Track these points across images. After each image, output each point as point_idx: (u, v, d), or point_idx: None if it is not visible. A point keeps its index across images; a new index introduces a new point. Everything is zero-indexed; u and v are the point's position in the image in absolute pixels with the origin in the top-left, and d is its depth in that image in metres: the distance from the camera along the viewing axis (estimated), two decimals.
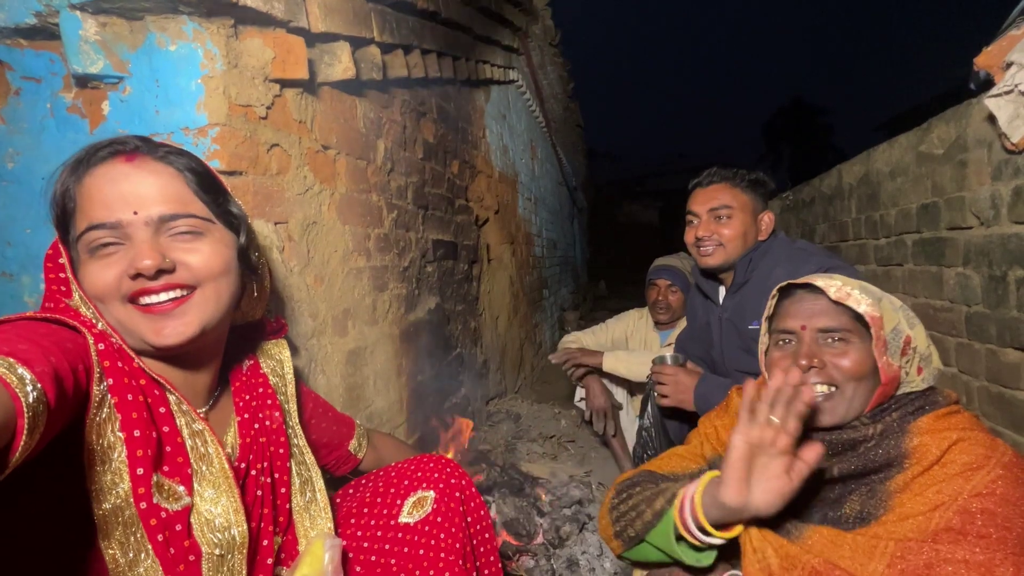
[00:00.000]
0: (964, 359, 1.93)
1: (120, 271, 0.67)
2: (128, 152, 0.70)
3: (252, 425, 0.82)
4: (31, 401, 0.47)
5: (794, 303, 0.89)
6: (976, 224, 1.81)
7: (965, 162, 1.85)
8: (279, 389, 0.91)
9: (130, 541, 0.63)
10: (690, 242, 1.59)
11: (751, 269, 1.50)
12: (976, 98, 1.72)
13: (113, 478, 0.62)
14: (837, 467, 0.82)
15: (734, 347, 1.55)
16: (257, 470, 0.79)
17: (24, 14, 1.01)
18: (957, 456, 0.74)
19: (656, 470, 0.97)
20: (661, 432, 1.68)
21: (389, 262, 1.76)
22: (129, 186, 0.68)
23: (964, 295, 1.90)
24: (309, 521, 0.86)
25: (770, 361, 0.91)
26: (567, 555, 1.59)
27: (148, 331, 0.68)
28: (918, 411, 0.83)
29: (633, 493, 0.89)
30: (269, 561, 0.78)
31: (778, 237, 1.55)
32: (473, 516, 0.96)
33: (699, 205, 1.55)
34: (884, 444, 0.80)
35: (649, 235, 15.26)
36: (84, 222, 0.67)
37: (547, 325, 4.87)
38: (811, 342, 0.86)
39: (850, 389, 0.83)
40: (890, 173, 2.44)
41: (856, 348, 0.84)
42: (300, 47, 1.23)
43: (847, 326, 0.84)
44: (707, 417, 1.04)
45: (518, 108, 4.10)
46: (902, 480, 0.77)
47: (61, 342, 0.58)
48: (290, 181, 1.26)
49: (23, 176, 1.11)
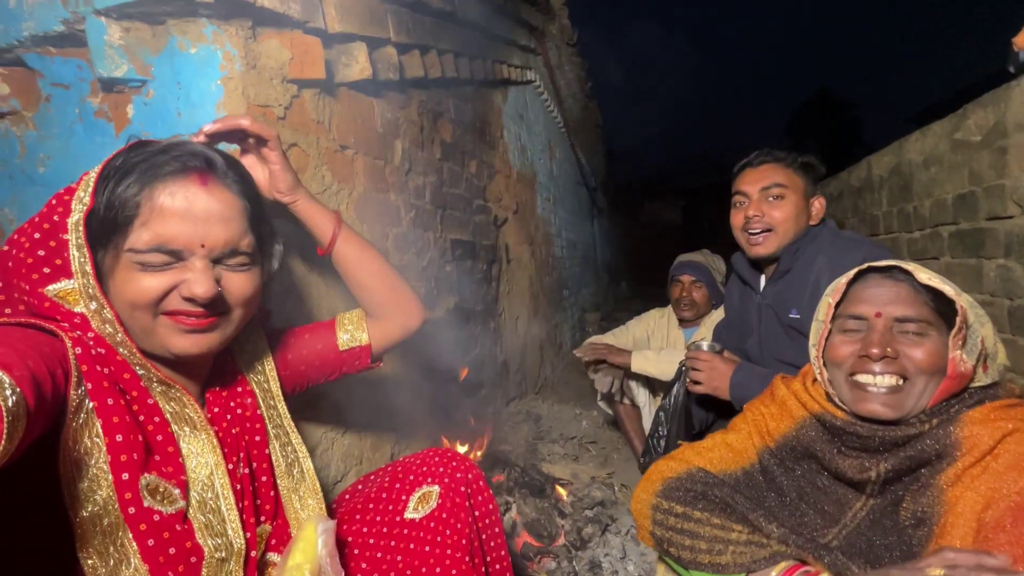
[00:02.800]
0: (1008, 356, 1.84)
1: (167, 287, 0.68)
2: (201, 172, 0.70)
3: (224, 416, 0.80)
4: (10, 406, 0.47)
5: (869, 287, 0.83)
6: (1018, 213, 1.72)
7: (1005, 148, 1.76)
8: (254, 369, 0.88)
9: (109, 549, 0.62)
10: (738, 225, 1.49)
11: (796, 257, 1.42)
12: (1016, 80, 1.64)
13: (91, 485, 0.61)
14: (886, 464, 0.78)
15: (775, 336, 1.48)
16: (234, 462, 0.78)
17: (52, 22, 1.05)
18: (1013, 447, 0.69)
19: (707, 466, 0.90)
20: (680, 417, 1.64)
21: (407, 261, 1.77)
22: (201, 214, 0.69)
23: (1006, 288, 1.81)
24: (299, 502, 0.84)
25: (831, 346, 0.86)
26: (589, 557, 1.56)
27: (172, 341, 0.70)
28: (976, 403, 0.78)
29: (692, 515, 0.81)
30: (254, 554, 0.75)
31: (826, 225, 1.47)
32: (481, 510, 0.94)
33: (750, 185, 1.45)
34: (934, 434, 0.76)
35: (672, 234, 15.04)
36: (147, 237, 0.66)
37: (568, 326, 4.83)
38: (884, 330, 0.80)
39: (921, 383, 0.78)
40: (923, 163, 2.35)
41: (932, 340, 0.78)
42: (317, 48, 1.24)
43: (926, 317, 0.79)
44: (753, 404, 0.99)
45: (536, 108, 4.08)
46: (953, 473, 0.72)
47: (38, 346, 0.58)
48: (308, 181, 1.27)
49: (54, 180, 1.14)
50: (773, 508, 0.86)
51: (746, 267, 1.59)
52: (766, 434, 0.92)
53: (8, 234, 1.20)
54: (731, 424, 1.00)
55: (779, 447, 0.89)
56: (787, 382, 0.96)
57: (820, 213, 1.45)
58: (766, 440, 0.92)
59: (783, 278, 1.46)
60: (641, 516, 0.87)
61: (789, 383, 0.95)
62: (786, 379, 0.98)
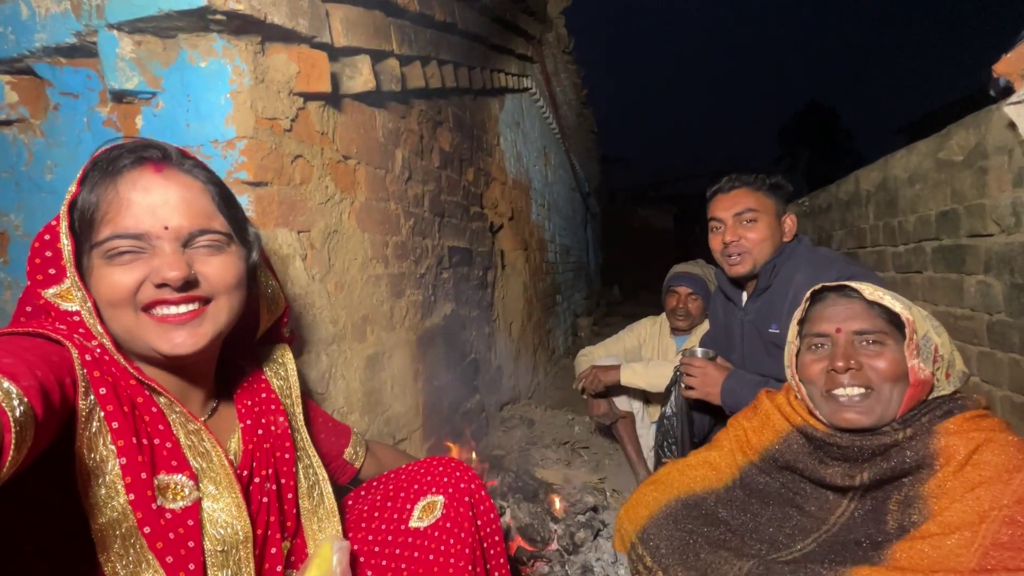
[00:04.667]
0: (986, 368, 1.90)
1: (139, 278, 0.67)
2: (156, 161, 0.70)
3: (255, 431, 0.82)
4: (18, 415, 0.47)
5: (827, 307, 0.91)
6: (997, 231, 1.79)
7: (985, 169, 1.83)
8: (283, 392, 0.91)
9: (129, 553, 0.63)
10: (717, 249, 1.59)
11: (774, 274, 1.51)
12: (996, 105, 1.70)
13: (108, 492, 0.62)
14: (868, 473, 0.82)
15: (756, 350, 1.56)
16: (262, 476, 0.79)
17: (65, 34, 1.06)
18: (989, 457, 0.74)
19: (691, 486, 0.96)
20: (685, 423, 1.69)
21: (406, 269, 1.79)
22: (159, 197, 0.68)
23: (985, 303, 1.87)
24: (317, 524, 0.86)
25: (803, 365, 0.92)
26: (581, 561, 1.59)
27: (160, 340, 0.68)
28: (946, 414, 0.83)
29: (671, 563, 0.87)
30: (279, 568, 0.78)
31: (801, 242, 1.56)
32: (483, 519, 0.96)
33: (723, 211, 1.55)
34: (912, 446, 0.81)
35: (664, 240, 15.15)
36: (108, 229, 0.66)
37: (561, 331, 4.87)
38: (846, 344, 0.87)
39: (886, 390, 0.84)
40: (908, 179, 2.42)
41: (891, 350, 0.85)
42: (323, 61, 1.27)
43: (882, 328, 0.86)
44: (736, 419, 1.05)
45: (532, 115, 4.13)
46: (935, 484, 0.77)
47: (46, 355, 0.58)
48: (312, 191, 1.30)
49: (61, 187, 1.16)
50: (757, 514, 0.91)
51: (728, 284, 1.68)
52: (748, 448, 0.97)
53: (14, 240, 1.22)
54: (715, 439, 1.06)
55: (763, 459, 0.94)
56: (771, 396, 1.01)
57: (792, 229, 1.55)
58: (748, 455, 0.97)
59: (763, 295, 1.54)
60: (621, 543, 0.94)
61: (773, 397, 1.00)
62: (770, 393, 1.03)
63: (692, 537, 0.87)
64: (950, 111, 2.05)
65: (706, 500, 0.92)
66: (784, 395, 0.98)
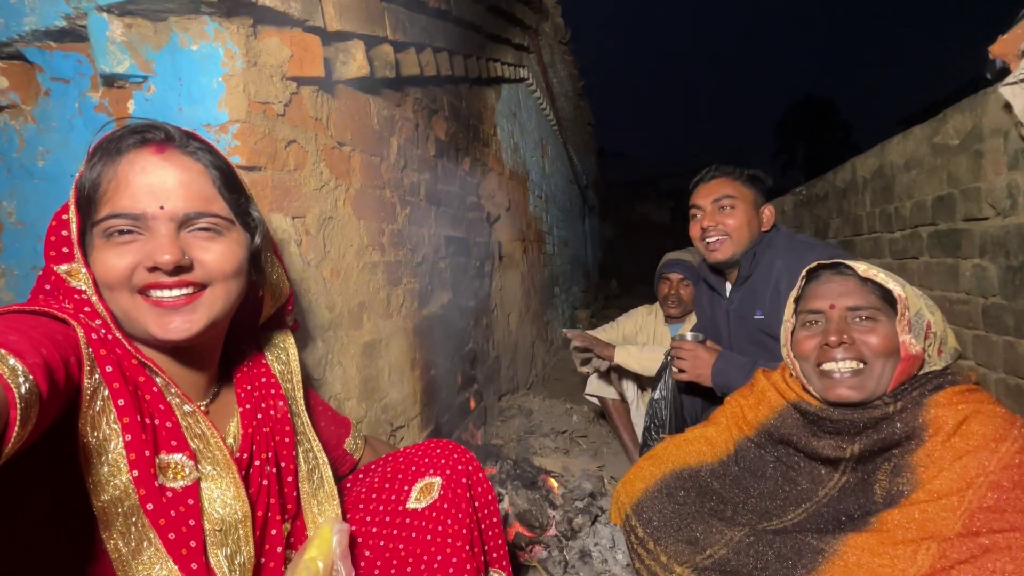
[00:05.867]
0: (981, 351, 1.91)
1: (135, 260, 0.67)
2: (158, 142, 0.70)
3: (255, 415, 0.82)
4: (24, 392, 0.47)
5: (822, 284, 0.92)
6: (992, 215, 1.79)
7: (981, 152, 1.82)
8: (284, 377, 0.91)
9: (131, 531, 0.63)
10: (696, 236, 1.65)
11: (755, 263, 1.56)
12: (992, 87, 1.70)
13: (111, 470, 0.62)
14: (859, 444, 0.84)
15: (742, 338, 1.60)
16: (262, 460, 0.79)
17: (53, 16, 1.05)
18: (976, 427, 0.76)
19: (687, 459, 0.99)
20: (673, 407, 1.72)
21: (403, 257, 1.79)
22: (157, 178, 0.68)
23: (981, 287, 1.88)
24: (317, 507, 0.86)
25: (797, 342, 0.93)
26: (579, 547, 1.60)
27: (154, 324, 0.68)
28: (936, 388, 0.85)
29: (647, 545, 0.90)
30: (279, 549, 0.78)
31: (779, 231, 1.61)
32: (480, 500, 0.97)
33: (703, 198, 1.62)
34: (903, 418, 0.82)
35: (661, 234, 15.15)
36: (107, 208, 0.67)
37: (558, 323, 4.88)
38: (840, 320, 0.89)
39: (879, 365, 0.85)
40: (905, 165, 2.42)
41: (883, 326, 0.87)
42: (316, 46, 1.26)
43: (875, 304, 0.88)
44: (733, 397, 1.07)
45: (528, 106, 4.11)
46: (923, 453, 0.79)
47: (51, 334, 0.58)
48: (307, 177, 1.30)
49: (53, 173, 1.15)
50: (750, 486, 0.92)
51: (712, 275, 1.72)
52: (744, 424, 0.99)
53: (7, 227, 1.22)
54: (712, 416, 1.07)
55: (757, 433, 0.95)
56: (767, 374, 1.03)
57: (771, 220, 1.61)
58: (744, 430, 0.98)
59: (745, 283, 1.59)
60: (617, 515, 0.97)
61: (769, 375, 1.02)
62: (767, 372, 1.04)
63: (684, 508, 0.88)
64: (951, 102, 2.05)
65: (699, 472, 0.94)
66: (780, 373, 1.00)
